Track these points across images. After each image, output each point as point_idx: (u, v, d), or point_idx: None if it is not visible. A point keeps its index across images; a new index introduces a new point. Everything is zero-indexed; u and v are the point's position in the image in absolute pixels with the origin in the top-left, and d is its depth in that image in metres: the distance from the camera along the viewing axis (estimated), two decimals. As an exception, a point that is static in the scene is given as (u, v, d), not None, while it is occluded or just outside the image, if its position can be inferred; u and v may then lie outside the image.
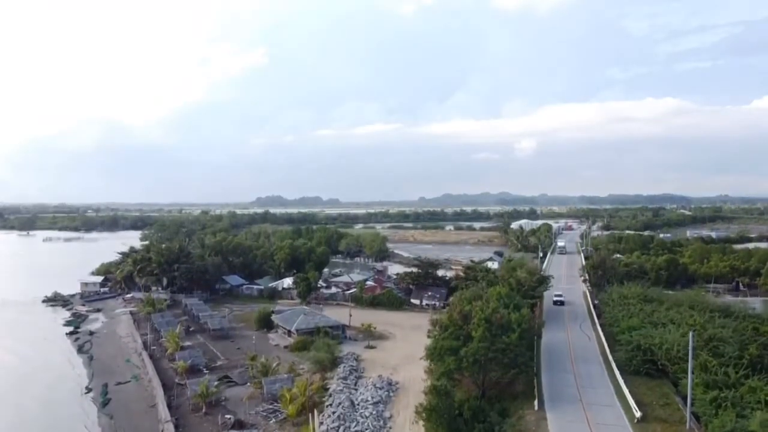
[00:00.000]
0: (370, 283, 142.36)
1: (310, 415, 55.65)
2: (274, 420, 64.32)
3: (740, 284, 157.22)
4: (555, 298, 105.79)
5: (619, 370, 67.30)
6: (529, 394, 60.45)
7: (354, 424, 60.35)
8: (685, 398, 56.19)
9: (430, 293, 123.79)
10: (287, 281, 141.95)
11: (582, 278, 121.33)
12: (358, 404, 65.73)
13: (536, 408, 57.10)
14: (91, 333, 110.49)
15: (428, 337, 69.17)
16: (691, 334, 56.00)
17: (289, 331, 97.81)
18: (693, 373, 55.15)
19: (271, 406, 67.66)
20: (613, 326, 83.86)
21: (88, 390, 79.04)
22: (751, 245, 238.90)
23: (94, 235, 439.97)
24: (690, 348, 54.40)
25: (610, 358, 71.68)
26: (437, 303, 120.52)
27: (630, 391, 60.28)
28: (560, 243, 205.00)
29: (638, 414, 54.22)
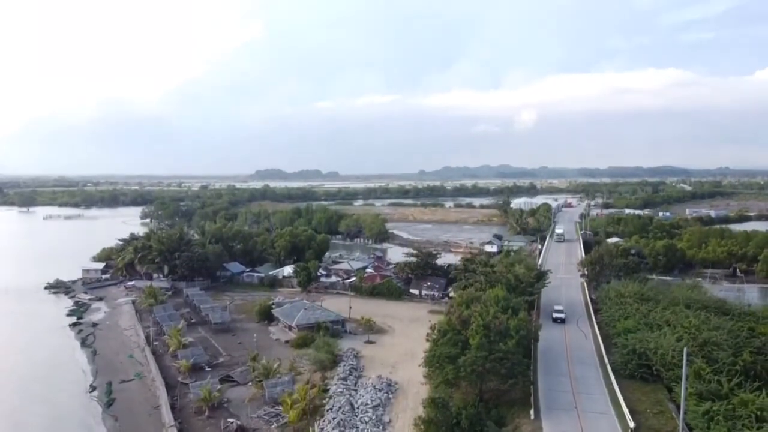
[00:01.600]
0: (369, 271, 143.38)
1: (310, 429, 56.81)
2: (275, 425, 65.65)
3: (737, 270, 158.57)
4: (555, 315, 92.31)
5: (614, 373, 68.34)
6: (526, 401, 61.45)
7: (354, 430, 61.57)
8: (678, 405, 57.19)
9: (429, 283, 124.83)
10: (287, 269, 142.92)
11: (580, 273, 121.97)
12: (357, 408, 66.94)
13: (532, 417, 58.17)
14: (94, 325, 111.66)
15: (427, 340, 70.09)
16: (685, 349, 56.58)
17: (290, 325, 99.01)
18: (687, 380, 55.99)
19: (273, 410, 68.94)
20: (609, 326, 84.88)
21: (93, 388, 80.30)
22: (749, 226, 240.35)
23: (94, 211, 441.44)
24: (684, 360, 55.07)
25: (606, 360, 72.71)
26: (436, 293, 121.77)
27: (625, 398, 61.27)
28: (558, 230, 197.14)
29: (632, 424, 55.29)
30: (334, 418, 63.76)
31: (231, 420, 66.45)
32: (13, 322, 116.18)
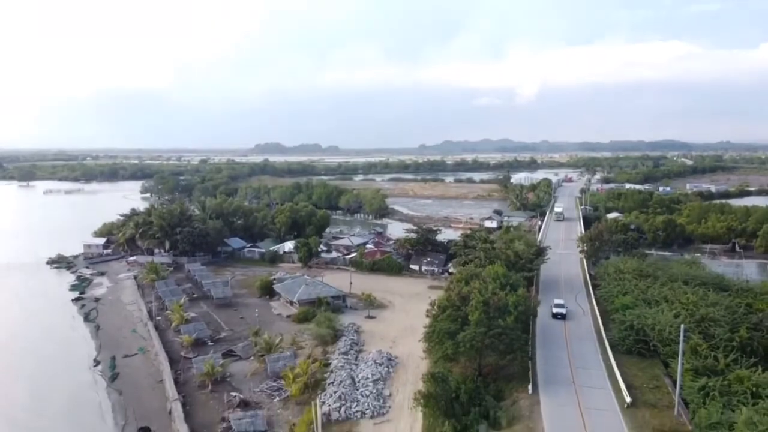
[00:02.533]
0: (370, 246, 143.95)
1: (312, 404, 57.74)
2: (278, 398, 66.69)
3: (737, 245, 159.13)
4: (555, 309, 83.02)
5: (612, 349, 69.15)
6: (524, 376, 62.30)
7: (355, 404, 62.57)
8: (675, 381, 58.01)
9: (429, 259, 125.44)
10: (288, 245, 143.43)
11: (579, 249, 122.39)
12: (358, 381, 67.90)
13: (530, 392, 59.05)
14: (97, 300, 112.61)
15: (427, 316, 70.75)
16: (682, 326, 57.30)
17: (291, 300, 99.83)
18: (683, 356, 56.72)
19: (275, 383, 69.97)
20: (607, 301, 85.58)
21: (97, 363, 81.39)
22: (749, 201, 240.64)
23: (94, 186, 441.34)
24: (681, 337, 55.81)
25: (604, 336, 73.50)
26: (436, 269, 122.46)
27: (621, 373, 62.15)
28: (557, 209, 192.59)
29: (628, 399, 56.20)
30: (335, 392, 64.74)
31: (234, 394, 67.52)
32: (17, 297, 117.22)
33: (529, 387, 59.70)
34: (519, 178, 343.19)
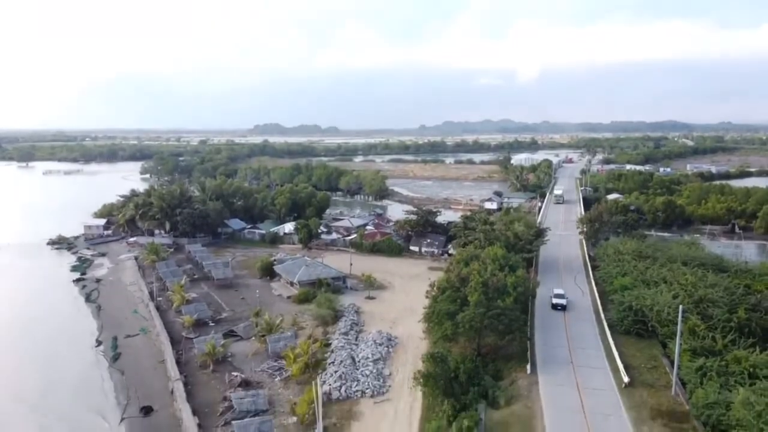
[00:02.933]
0: (370, 228, 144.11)
1: (313, 383, 58.21)
2: (279, 378, 67.28)
3: (736, 226, 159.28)
4: (555, 300, 78.62)
5: (610, 329, 69.66)
6: (523, 356, 62.84)
7: (355, 383, 63.20)
8: (672, 361, 58.47)
9: (428, 240, 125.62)
10: (288, 226, 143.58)
11: (579, 230, 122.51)
12: (358, 361, 68.48)
13: (528, 372, 59.61)
14: (98, 280, 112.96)
15: (426, 297, 71.10)
16: (680, 307, 57.64)
17: (292, 281, 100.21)
18: (681, 337, 57.09)
19: (275, 363, 70.53)
20: (606, 282, 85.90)
21: (99, 343, 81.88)
22: (750, 182, 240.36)
23: (93, 167, 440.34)
24: (679, 317, 56.15)
25: (603, 316, 73.97)
26: (436, 250, 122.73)
27: (619, 353, 62.70)
28: (557, 191, 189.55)
29: (626, 379, 56.75)
30: (335, 372, 65.36)
31: (235, 373, 68.07)
32: (18, 278, 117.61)
33: (528, 367, 60.24)
34: (519, 159, 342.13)
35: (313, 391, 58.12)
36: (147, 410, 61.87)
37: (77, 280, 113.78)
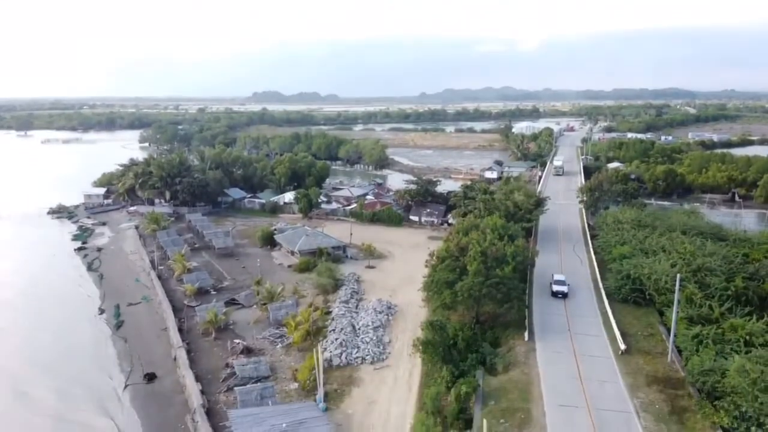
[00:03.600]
0: (370, 197, 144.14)
1: (314, 350, 59.03)
2: (280, 345, 68.21)
3: (736, 195, 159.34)
4: (555, 287, 72.44)
5: (608, 297, 70.27)
6: (521, 324, 63.52)
7: (356, 350, 64.08)
8: (669, 329, 59.16)
9: (428, 210, 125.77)
10: (288, 196, 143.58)
11: (579, 199, 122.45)
12: (359, 329, 69.27)
13: (526, 339, 60.35)
14: (99, 249, 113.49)
15: (426, 266, 71.51)
16: (678, 275, 58.03)
17: (292, 251, 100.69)
18: (678, 305, 57.62)
19: (277, 331, 71.44)
20: (605, 251, 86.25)
21: (101, 311, 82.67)
22: (751, 150, 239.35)
23: (92, 135, 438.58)
24: (677, 286, 56.59)
25: (601, 285, 74.54)
26: (435, 220, 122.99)
27: (617, 321, 63.42)
28: (557, 161, 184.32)
29: (623, 347, 57.51)
30: (336, 339, 66.19)
31: (237, 341, 68.90)
32: (20, 247, 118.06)
33: (525, 334, 60.98)
34: (520, 127, 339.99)
35: (314, 357, 58.97)
36: (150, 377, 62.85)
37: (79, 249, 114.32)
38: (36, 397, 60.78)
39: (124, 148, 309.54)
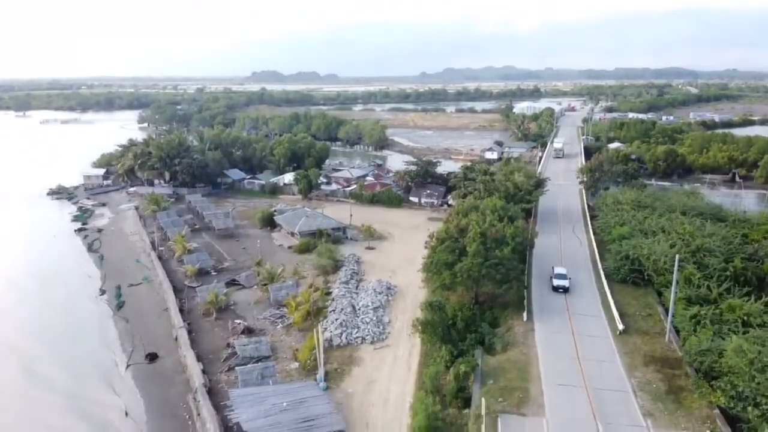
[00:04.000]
0: (369, 179, 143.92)
1: (314, 330, 59.45)
2: (281, 325, 68.65)
3: (737, 175, 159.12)
4: (556, 282, 68.45)
5: (606, 278, 70.58)
6: (519, 304, 63.85)
7: (356, 330, 64.52)
8: (667, 309, 59.52)
9: (428, 191, 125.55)
10: (288, 177, 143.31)
11: (579, 180, 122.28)
12: (359, 309, 69.65)
13: (525, 319, 60.73)
14: (99, 230, 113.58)
15: (425, 247, 71.65)
16: (677, 256, 58.22)
17: (292, 232, 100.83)
18: (677, 285, 57.87)
19: (278, 311, 71.86)
20: (605, 232, 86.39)
21: (102, 292, 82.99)
22: (753, 130, 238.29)
23: (90, 115, 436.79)
24: (675, 266, 56.79)
25: (599, 265, 74.79)
26: (435, 201, 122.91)
27: (615, 301, 63.79)
28: (557, 143, 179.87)
29: (621, 327, 57.90)
30: (336, 319, 66.60)
31: (238, 321, 69.34)
32: (20, 228, 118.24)
33: (524, 315, 61.34)
34: (521, 107, 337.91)
35: (314, 337, 59.44)
36: (152, 357, 63.36)
37: (79, 230, 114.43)
38: (46, 375, 61.26)
39: (122, 129, 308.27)
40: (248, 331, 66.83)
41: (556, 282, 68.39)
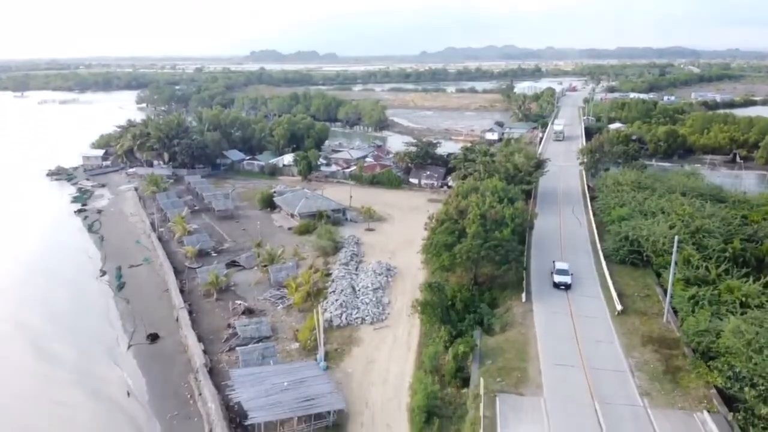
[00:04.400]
0: (369, 160, 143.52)
1: (314, 311, 59.79)
2: (281, 306, 69.04)
3: (737, 156, 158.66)
4: (557, 278, 64.26)
5: (605, 259, 70.69)
6: (518, 285, 64.01)
7: (355, 311, 64.93)
8: (666, 290, 59.70)
9: (428, 173, 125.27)
10: (287, 158, 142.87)
11: (579, 161, 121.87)
12: (359, 290, 70.02)
13: (524, 300, 60.93)
14: (99, 211, 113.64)
15: (425, 229, 71.70)
16: (676, 237, 58.28)
17: (292, 213, 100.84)
18: (675, 266, 57.98)
19: (278, 292, 72.19)
20: (604, 213, 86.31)
21: (103, 273, 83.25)
22: (754, 111, 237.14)
23: (88, 96, 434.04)
24: (674, 247, 56.84)
25: (599, 246, 74.87)
26: (435, 182, 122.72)
27: (614, 282, 63.85)
28: (557, 126, 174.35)
29: (619, 307, 58.13)
30: (336, 300, 66.98)
31: (238, 302, 69.76)
32: (20, 209, 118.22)
33: (523, 296, 61.50)
34: (522, 87, 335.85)
35: (314, 318, 59.86)
36: (153, 337, 63.80)
37: (79, 211, 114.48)
38: (49, 355, 61.80)
39: (121, 109, 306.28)
40: (249, 312, 67.23)
41: (558, 278, 64.23)
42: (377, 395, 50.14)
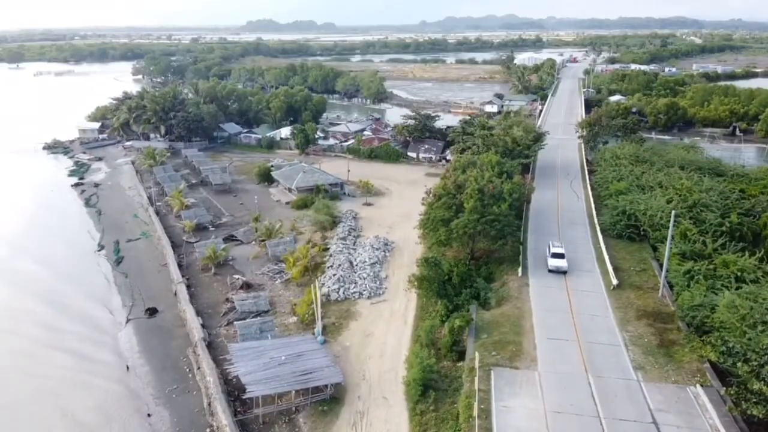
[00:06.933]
0: (367, 133, 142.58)
1: (312, 286, 60.03)
2: (279, 280, 69.30)
3: (737, 129, 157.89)
4: (552, 262, 60.94)
5: (602, 233, 70.77)
6: (515, 259, 64.22)
7: (353, 285, 65.24)
8: (662, 264, 59.85)
9: (426, 146, 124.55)
10: (285, 131, 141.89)
11: (578, 134, 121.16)
12: (356, 265, 70.21)
13: (520, 274, 61.12)
14: (96, 185, 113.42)
15: (422, 204, 71.59)
16: (673, 212, 58.23)
17: (290, 187, 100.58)
18: (672, 241, 58.05)
19: (276, 267, 72.39)
20: (602, 187, 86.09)
21: (101, 247, 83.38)
22: (755, 83, 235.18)
23: (84, 67, 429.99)
24: (671, 222, 56.83)
25: (596, 220, 74.87)
26: (434, 156, 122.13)
27: (610, 256, 63.96)
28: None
29: (615, 282, 58.38)
30: (334, 275, 67.21)
31: (237, 276, 70.03)
32: (17, 183, 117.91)
33: (519, 270, 61.67)
34: (523, 58, 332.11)
35: (312, 292, 60.10)
36: (152, 311, 64.22)
37: (76, 185, 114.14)
38: (51, 328, 62.10)
39: (117, 81, 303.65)
40: (247, 286, 67.50)
41: (553, 262, 60.72)
42: (374, 368, 50.67)
